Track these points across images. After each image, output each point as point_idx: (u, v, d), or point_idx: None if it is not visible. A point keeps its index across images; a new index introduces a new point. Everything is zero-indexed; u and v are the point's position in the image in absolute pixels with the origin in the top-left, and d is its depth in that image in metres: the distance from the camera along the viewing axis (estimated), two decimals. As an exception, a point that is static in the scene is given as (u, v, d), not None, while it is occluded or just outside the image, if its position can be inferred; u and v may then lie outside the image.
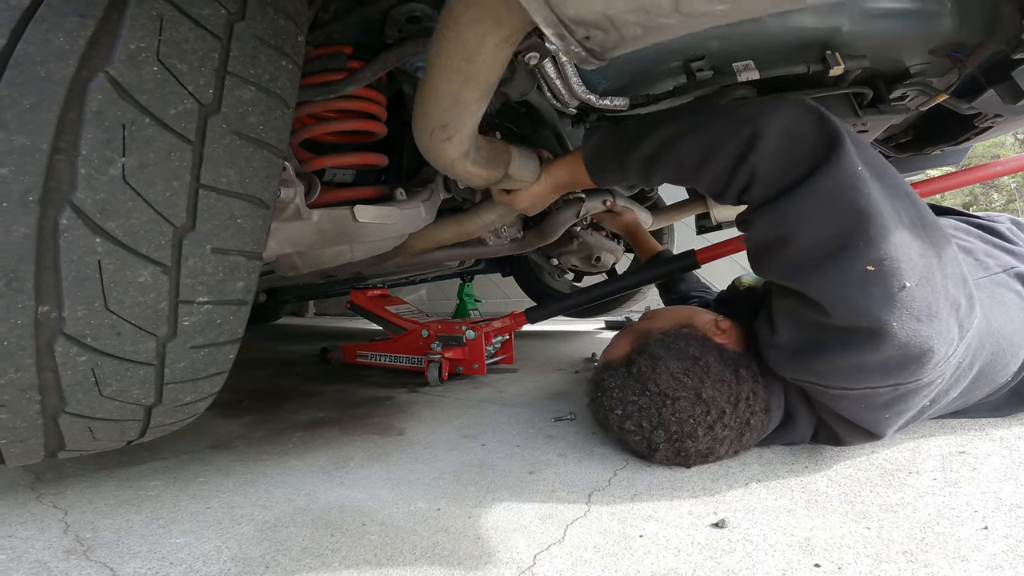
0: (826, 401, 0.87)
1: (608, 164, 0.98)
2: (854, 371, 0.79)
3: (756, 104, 0.83)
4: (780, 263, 0.81)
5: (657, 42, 0.56)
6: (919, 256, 0.74)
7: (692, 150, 0.85)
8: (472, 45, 0.63)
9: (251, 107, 0.68)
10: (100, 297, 0.61)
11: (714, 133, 0.83)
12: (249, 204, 0.70)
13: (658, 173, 0.91)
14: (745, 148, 0.80)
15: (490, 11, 0.58)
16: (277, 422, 1.42)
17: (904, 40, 1.04)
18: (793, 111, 0.80)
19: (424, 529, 0.78)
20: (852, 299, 0.74)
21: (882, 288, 0.72)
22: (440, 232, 1.40)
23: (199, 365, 0.75)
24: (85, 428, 0.72)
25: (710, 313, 1.04)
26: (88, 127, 0.57)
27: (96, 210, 0.58)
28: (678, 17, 0.50)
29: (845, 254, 0.73)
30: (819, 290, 0.76)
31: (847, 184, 0.74)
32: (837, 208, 0.74)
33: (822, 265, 0.75)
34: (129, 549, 0.77)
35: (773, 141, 0.78)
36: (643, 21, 0.51)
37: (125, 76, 0.58)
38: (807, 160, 0.77)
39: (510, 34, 0.61)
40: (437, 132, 0.81)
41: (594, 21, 0.51)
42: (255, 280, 0.76)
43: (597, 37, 0.53)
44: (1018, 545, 0.64)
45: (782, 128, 0.79)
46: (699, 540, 0.71)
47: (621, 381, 0.96)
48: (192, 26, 0.62)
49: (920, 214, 0.78)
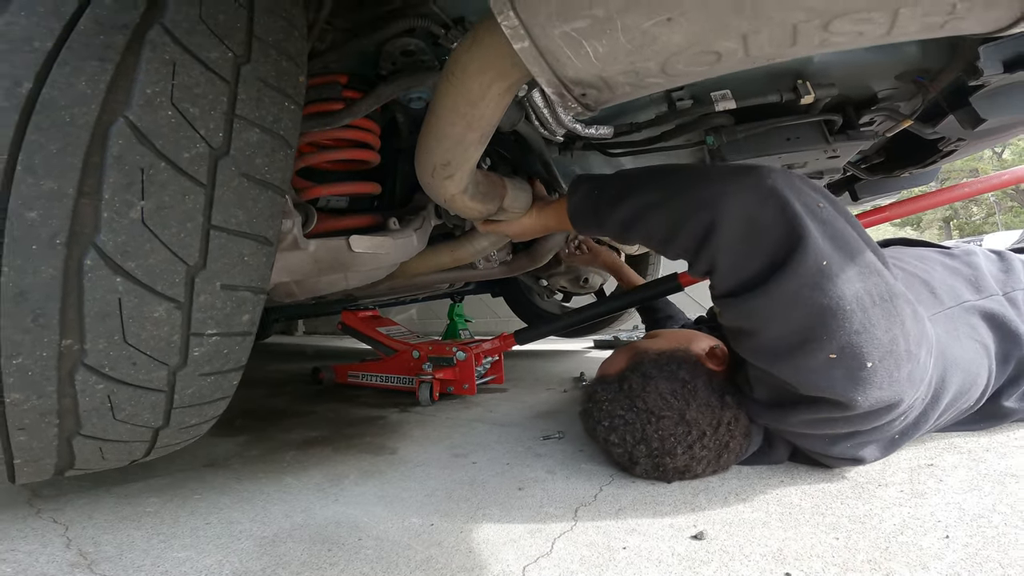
0: (796, 440, 0.95)
1: (589, 221, 1.02)
2: (829, 424, 0.86)
3: (718, 181, 0.83)
4: (750, 349, 0.87)
5: (643, 95, 0.61)
6: (884, 332, 0.76)
7: (659, 225, 0.89)
8: (476, 93, 0.67)
9: (257, 149, 0.71)
10: (119, 331, 0.65)
11: (677, 211, 0.85)
12: (255, 243, 0.74)
13: (632, 239, 0.95)
14: (704, 235, 0.82)
15: (495, 64, 0.62)
16: (271, 441, 1.45)
17: (872, 67, 1.10)
18: (753, 197, 0.80)
19: (418, 544, 0.82)
20: (817, 382, 0.79)
21: (845, 371, 0.76)
22: (433, 258, 1.44)
23: (206, 391, 0.79)
24: (96, 449, 0.75)
25: (709, 339, 1.07)
26: (110, 171, 0.59)
27: (117, 252, 0.61)
28: (664, 77, 0.57)
29: (809, 347, 0.77)
30: (786, 374, 0.82)
31: (810, 283, 0.75)
32: (799, 308, 0.76)
33: (788, 355, 0.80)
34: (132, 563, 0.80)
35: (732, 230, 0.80)
36: (633, 81, 0.57)
37: (143, 120, 0.60)
38: (768, 257, 0.79)
39: (512, 84, 0.65)
40: (439, 170, 0.85)
41: (590, 82, 0.57)
42: (259, 313, 0.80)
43: (592, 95, 0.59)
44: (977, 553, 0.68)
45: (741, 216, 0.80)
46: (679, 551, 0.75)
47: (612, 395, 1.00)
48: (203, 70, 0.64)
49: (886, 286, 0.79)
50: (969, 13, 0.46)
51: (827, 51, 0.54)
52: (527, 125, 1.14)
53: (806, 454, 0.98)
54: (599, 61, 0.53)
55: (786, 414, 0.89)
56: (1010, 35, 0.81)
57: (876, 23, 0.48)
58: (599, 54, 0.53)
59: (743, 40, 0.51)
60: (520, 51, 0.54)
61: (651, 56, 0.53)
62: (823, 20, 0.48)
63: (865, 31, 0.49)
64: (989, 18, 0.48)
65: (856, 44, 0.52)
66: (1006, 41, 0.91)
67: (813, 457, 0.96)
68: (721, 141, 1.21)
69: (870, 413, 0.80)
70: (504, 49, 0.58)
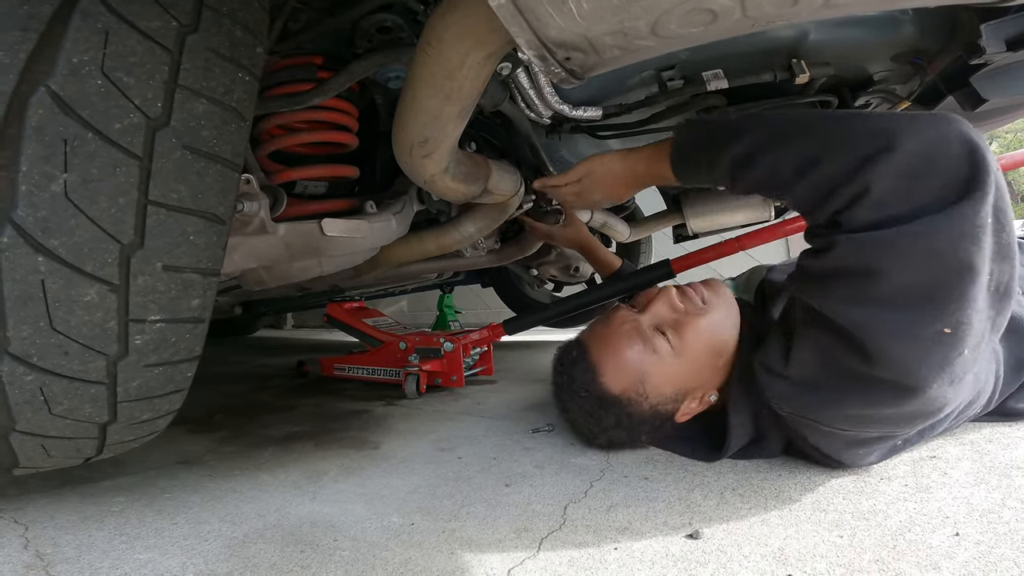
0: (808, 435, 0.86)
1: (697, 157, 0.91)
2: (862, 420, 0.79)
3: (894, 115, 0.72)
4: (850, 298, 0.72)
5: (635, 62, 0.57)
6: (982, 323, 0.70)
7: (799, 152, 0.76)
8: (454, 63, 0.63)
9: (204, 121, 0.66)
10: (45, 317, 0.60)
11: (832, 137, 0.74)
12: (203, 220, 0.69)
13: (747, 176, 0.83)
14: (867, 159, 0.69)
15: (473, 30, 0.58)
16: (250, 437, 1.40)
17: (868, 47, 1.07)
18: (939, 130, 0.69)
19: (397, 545, 0.77)
20: (910, 357, 0.69)
21: (944, 352, 0.69)
22: (418, 245, 1.39)
23: (155, 384, 0.73)
24: (38, 446, 0.70)
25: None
26: (28, 143, 0.55)
27: (38, 228, 0.57)
28: (655, 39, 0.52)
29: (929, 308, 0.68)
30: (878, 337, 0.70)
31: (971, 234, 0.65)
32: (947, 257, 0.66)
33: (900, 313, 0.69)
34: (90, 565, 0.76)
35: (906, 159, 0.68)
36: (621, 43, 0.52)
37: (67, 90, 0.56)
38: (940, 192, 0.67)
39: (492, 52, 0.61)
40: (417, 148, 0.81)
41: (574, 43, 0.52)
42: (211, 297, 0.75)
43: (577, 58, 0.54)
44: (990, 552, 0.64)
45: (921, 148, 0.68)
46: (673, 552, 0.70)
47: (570, 369, 1.06)
48: (140, 39, 0.60)
49: (1011, 277, 0.72)
50: None
51: (829, 15, 0.50)
52: (512, 106, 1.10)
53: (797, 451, 0.93)
54: (583, 19, 0.49)
55: (825, 403, 0.79)
56: (1016, 4, 0.78)
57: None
58: (583, 11, 0.48)
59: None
60: (497, 8, 0.49)
61: (640, 14, 0.48)
62: None
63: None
64: None
65: (861, 9, 0.47)
66: (1009, 19, 0.89)
67: (811, 455, 0.91)
68: (714, 123, 1.17)
69: (917, 414, 0.75)
70: (482, 12, 0.54)
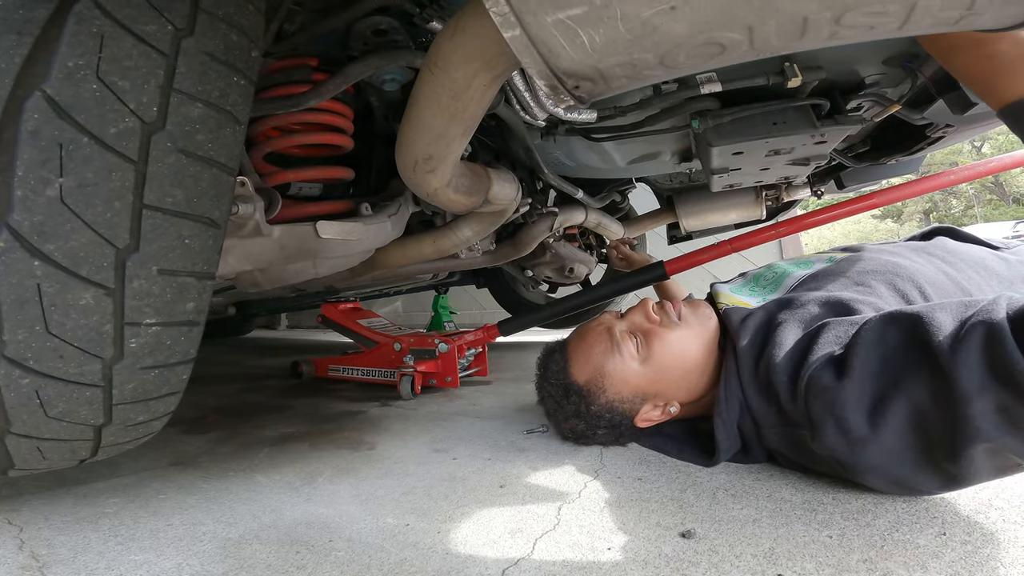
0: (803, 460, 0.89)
1: None
2: (893, 482, 0.77)
3: None
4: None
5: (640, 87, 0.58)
6: None
7: None
8: (460, 84, 0.63)
9: (199, 124, 0.66)
10: (41, 320, 0.60)
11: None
12: (197, 224, 0.69)
13: None
14: None
15: (481, 53, 0.58)
16: (244, 437, 1.40)
17: (859, 50, 1.07)
18: None
19: (392, 545, 0.77)
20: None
21: None
22: (416, 249, 1.40)
23: (150, 386, 0.74)
24: (33, 448, 0.70)
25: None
26: (24, 147, 0.55)
27: (33, 232, 0.57)
28: (662, 69, 0.53)
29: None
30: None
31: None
32: None
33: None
34: (86, 566, 0.76)
35: None
36: (630, 74, 0.53)
37: (62, 94, 0.56)
38: None
39: (499, 75, 0.61)
40: (421, 164, 0.81)
41: (585, 74, 0.53)
42: (207, 300, 0.75)
43: (586, 87, 0.55)
44: (976, 552, 0.65)
45: None
46: (666, 552, 0.71)
47: (548, 359, 1.22)
48: (135, 42, 0.60)
49: None
50: (987, 9, 0.43)
51: (833, 44, 0.51)
52: (507, 109, 1.10)
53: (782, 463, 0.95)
54: (595, 52, 0.49)
55: (883, 465, 0.74)
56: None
57: (890, 16, 0.44)
58: (596, 44, 0.48)
59: (749, 32, 0.47)
60: (510, 40, 0.49)
61: (651, 47, 0.49)
62: (835, 12, 0.44)
63: (877, 24, 0.46)
64: (1006, 14, 0.44)
65: (865, 38, 0.48)
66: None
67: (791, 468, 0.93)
68: (707, 125, 1.18)
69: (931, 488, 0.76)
70: (491, 38, 0.54)
